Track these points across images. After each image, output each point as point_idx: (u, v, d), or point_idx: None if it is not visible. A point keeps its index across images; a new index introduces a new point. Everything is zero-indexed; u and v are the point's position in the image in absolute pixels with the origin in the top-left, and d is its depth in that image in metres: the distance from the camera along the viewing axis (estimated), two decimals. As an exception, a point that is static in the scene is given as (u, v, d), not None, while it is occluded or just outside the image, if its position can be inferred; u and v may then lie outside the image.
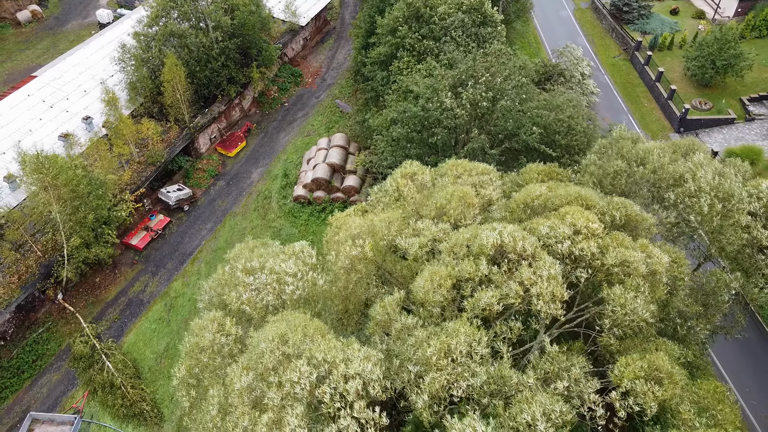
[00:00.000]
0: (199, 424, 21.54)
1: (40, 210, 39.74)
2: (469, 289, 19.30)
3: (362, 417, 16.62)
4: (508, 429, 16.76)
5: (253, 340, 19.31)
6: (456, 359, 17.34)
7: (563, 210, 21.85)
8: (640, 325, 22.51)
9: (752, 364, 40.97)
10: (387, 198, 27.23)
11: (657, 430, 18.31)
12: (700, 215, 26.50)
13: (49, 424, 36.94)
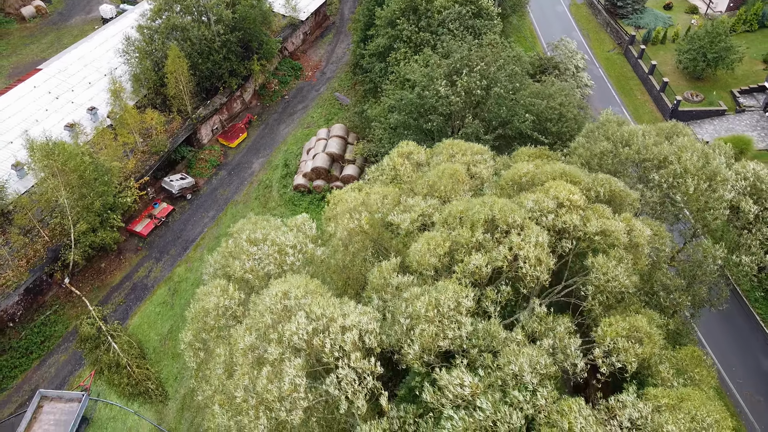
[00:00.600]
0: (206, 384, 22.74)
1: (48, 196, 40.98)
2: (462, 254, 20.52)
3: (359, 366, 17.82)
4: (496, 379, 17.98)
5: (257, 302, 20.53)
6: (444, 312, 18.54)
7: (548, 184, 23.10)
8: (623, 294, 23.78)
9: (738, 344, 42.26)
10: (384, 176, 28.50)
11: (634, 386, 19.47)
12: (686, 195, 27.75)
13: (58, 401, 38.15)
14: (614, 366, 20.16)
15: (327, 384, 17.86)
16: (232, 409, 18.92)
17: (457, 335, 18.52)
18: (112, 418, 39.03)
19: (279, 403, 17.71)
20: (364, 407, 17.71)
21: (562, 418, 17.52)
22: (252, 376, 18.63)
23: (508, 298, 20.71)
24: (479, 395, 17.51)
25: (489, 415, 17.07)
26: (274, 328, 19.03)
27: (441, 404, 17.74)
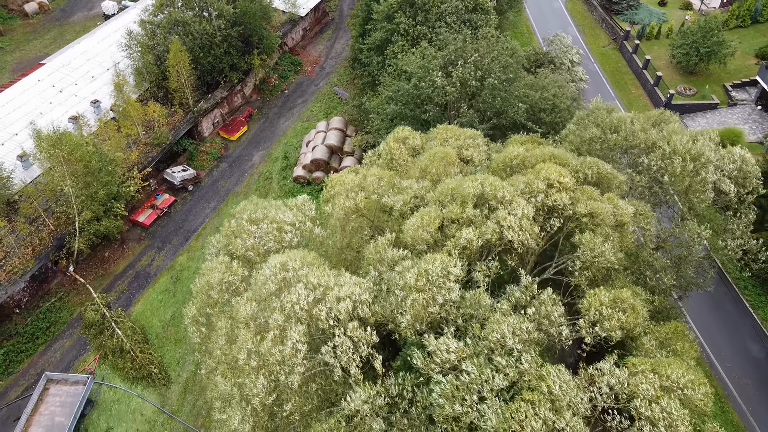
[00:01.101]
0: (209, 357, 23.72)
1: (53, 185, 41.99)
2: (453, 229, 21.50)
3: (355, 335, 18.79)
4: (482, 347, 18.95)
5: (257, 276, 21.53)
6: (433, 281, 19.50)
7: (538, 166, 24.09)
8: (610, 271, 24.79)
9: (727, 330, 43.25)
10: (380, 161, 29.51)
11: (614, 355, 20.40)
12: (673, 176, 28.74)
13: (63, 383, 39.13)
14: (599, 335, 21.13)
15: (323, 353, 18.85)
16: (234, 373, 19.91)
17: (446, 300, 19.49)
18: (117, 401, 40.03)
19: (279, 367, 18.70)
20: (358, 374, 18.70)
21: (543, 383, 18.53)
22: (255, 341, 19.61)
23: (497, 272, 21.67)
24: (465, 360, 18.50)
25: (474, 378, 18.05)
26: (276, 296, 20.01)
27: (430, 369, 18.73)
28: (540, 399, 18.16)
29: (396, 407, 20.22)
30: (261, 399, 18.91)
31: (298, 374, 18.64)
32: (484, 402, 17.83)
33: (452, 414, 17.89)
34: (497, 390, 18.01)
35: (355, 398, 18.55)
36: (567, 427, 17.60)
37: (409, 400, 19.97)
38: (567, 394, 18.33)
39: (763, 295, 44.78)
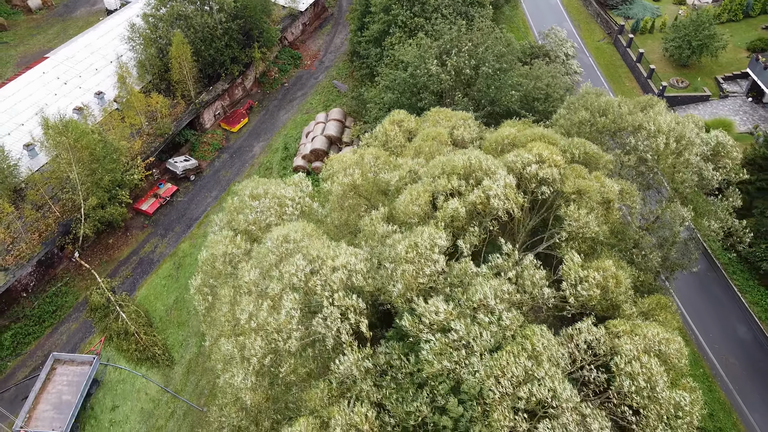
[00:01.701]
0: (213, 321, 24.87)
1: (59, 172, 43.12)
2: (442, 200, 22.64)
3: (342, 304, 19.90)
4: (466, 308, 20.08)
5: (260, 249, 22.64)
6: (422, 252, 20.62)
7: (529, 145, 25.25)
8: (595, 245, 25.94)
9: (716, 313, 44.43)
10: (376, 142, 30.67)
11: (592, 317, 21.52)
12: (657, 153, 29.90)
13: (70, 363, 40.29)
14: (580, 297, 22.25)
15: (315, 323, 19.98)
16: (235, 333, 21.02)
17: (434, 271, 20.63)
18: (122, 381, 41.19)
19: (277, 334, 19.83)
20: (350, 341, 19.82)
21: (526, 340, 19.71)
22: (257, 305, 20.73)
23: (483, 239, 22.78)
24: (452, 320, 19.65)
25: (462, 335, 19.20)
26: (276, 266, 21.14)
27: (419, 330, 19.87)
28: (521, 351, 19.34)
29: (386, 375, 21.39)
30: (259, 359, 20.06)
31: (295, 339, 19.76)
32: (473, 356, 18.99)
33: (440, 371, 19.05)
34: (484, 346, 19.17)
35: (344, 361, 19.68)
36: (546, 376, 18.79)
37: (397, 368, 21.12)
38: (547, 348, 19.51)
39: (751, 280, 46.00)
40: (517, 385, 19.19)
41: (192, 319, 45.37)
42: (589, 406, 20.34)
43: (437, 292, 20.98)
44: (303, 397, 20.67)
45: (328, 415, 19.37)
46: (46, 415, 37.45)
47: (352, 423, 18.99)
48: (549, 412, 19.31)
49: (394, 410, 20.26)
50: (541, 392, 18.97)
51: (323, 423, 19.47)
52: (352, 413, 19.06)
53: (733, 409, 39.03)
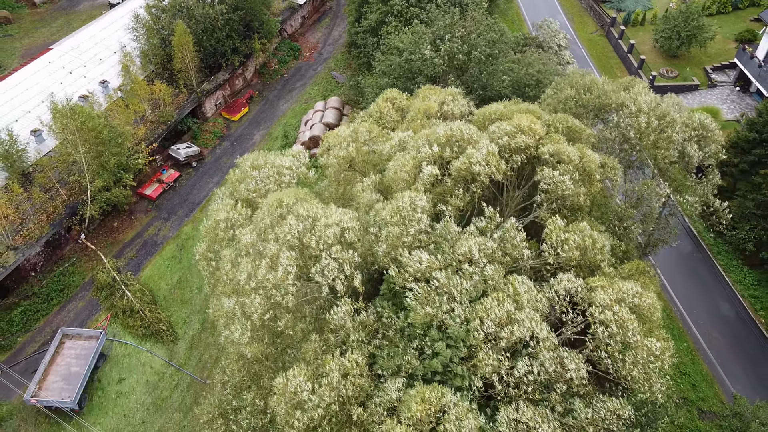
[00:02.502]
0: (216, 280, 26.39)
1: (66, 155, 44.67)
2: (426, 166, 24.19)
3: (339, 257, 21.45)
4: (451, 260, 21.63)
5: (257, 212, 24.16)
6: (405, 215, 22.16)
7: (513, 117, 26.83)
8: (576, 212, 27.50)
9: (701, 292, 46.06)
10: (370, 119, 32.21)
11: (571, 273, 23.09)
12: (639, 132, 31.48)
13: (78, 338, 41.85)
14: (561, 258, 23.82)
15: (312, 273, 21.53)
16: (236, 291, 22.52)
17: (417, 230, 22.17)
18: (127, 355, 42.76)
19: (275, 290, 21.38)
20: (343, 290, 21.38)
21: (509, 286, 21.30)
22: (254, 265, 22.27)
23: (468, 204, 24.32)
24: (435, 270, 21.23)
25: (443, 283, 20.77)
26: (272, 227, 22.67)
27: (404, 279, 21.44)
28: (504, 297, 20.93)
29: (377, 333, 22.98)
30: (259, 315, 21.59)
31: (292, 295, 21.28)
32: (454, 302, 20.56)
33: (425, 318, 20.61)
34: (465, 293, 20.75)
35: (338, 311, 21.25)
36: (526, 318, 20.38)
37: (387, 325, 22.70)
38: (528, 293, 21.11)
39: (735, 260, 47.61)
40: (500, 326, 20.76)
41: (195, 297, 46.98)
42: (566, 350, 21.96)
43: (422, 249, 22.49)
44: (299, 353, 22.20)
45: (322, 364, 20.93)
46: (56, 386, 39.00)
47: (345, 369, 20.56)
48: (529, 352, 20.89)
49: (385, 364, 21.82)
50: (521, 332, 20.55)
51: (317, 370, 21.03)
52: (345, 360, 20.64)
53: (715, 380, 40.64)
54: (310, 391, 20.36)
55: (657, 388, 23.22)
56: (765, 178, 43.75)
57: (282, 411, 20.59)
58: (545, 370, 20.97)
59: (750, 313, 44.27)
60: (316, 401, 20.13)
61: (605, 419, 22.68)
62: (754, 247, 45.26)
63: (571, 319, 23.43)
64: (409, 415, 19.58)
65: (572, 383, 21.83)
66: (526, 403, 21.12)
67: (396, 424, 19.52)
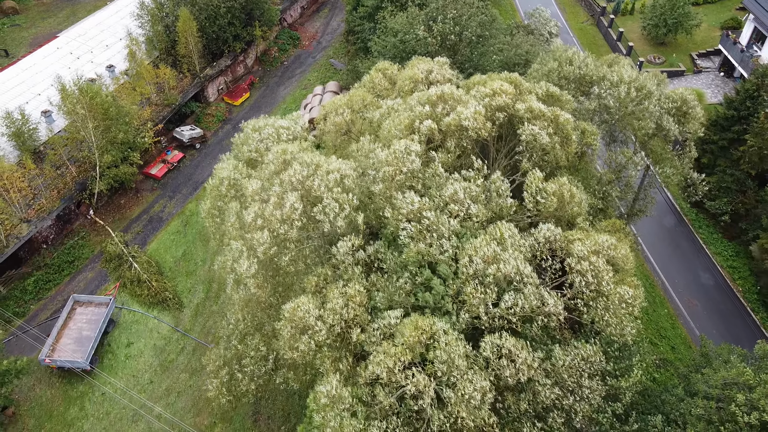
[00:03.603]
0: (222, 234, 28.54)
1: (76, 132, 46.80)
2: (418, 124, 26.36)
3: (340, 198, 23.61)
4: (438, 202, 23.81)
5: (264, 159, 26.33)
6: (398, 156, 24.31)
7: (489, 82, 29.14)
8: (554, 170, 29.68)
9: (682, 263, 48.31)
10: (364, 89, 34.36)
11: (550, 223, 25.25)
12: (618, 101, 33.65)
13: (89, 304, 44.00)
14: (540, 205, 25.98)
15: (315, 212, 23.70)
16: (242, 233, 24.65)
17: (410, 170, 24.35)
18: (135, 322, 44.94)
19: (280, 224, 23.53)
20: (344, 227, 23.54)
21: (496, 230, 23.48)
22: (261, 207, 24.42)
23: (457, 156, 26.48)
24: (425, 210, 23.41)
25: (432, 222, 22.97)
26: (277, 175, 24.84)
27: (397, 219, 23.61)
28: (490, 239, 23.11)
29: (374, 268, 25.18)
30: (264, 249, 23.71)
31: (296, 228, 23.44)
32: (442, 238, 22.73)
33: (417, 254, 22.77)
34: (452, 231, 22.94)
35: (341, 245, 23.41)
36: (510, 258, 22.55)
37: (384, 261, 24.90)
38: (512, 237, 23.31)
39: (715, 233, 49.84)
40: (487, 264, 22.92)
41: (199, 269, 49.18)
42: (546, 290, 24.13)
43: (414, 192, 24.68)
44: (301, 287, 24.36)
45: (324, 295, 23.09)
46: (68, 348, 41.16)
47: (346, 297, 22.73)
48: (513, 287, 23.05)
49: (381, 297, 23.98)
50: (506, 269, 22.72)
51: (321, 299, 23.19)
52: (346, 288, 22.80)
53: (694, 344, 42.83)
54: (316, 317, 22.45)
55: (627, 331, 25.38)
56: (742, 154, 45.98)
57: (287, 335, 22.72)
58: (528, 303, 23.04)
59: (728, 282, 46.50)
60: (320, 326, 22.27)
61: (579, 366, 24.78)
62: (730, 220, 47.51)
63: (550, 266, 25.59)
64: (403, 339, 21.72)
65: (551, 318, 23.97)
66: (508, 333, 23.28)
67: (392, 346, 21.66)
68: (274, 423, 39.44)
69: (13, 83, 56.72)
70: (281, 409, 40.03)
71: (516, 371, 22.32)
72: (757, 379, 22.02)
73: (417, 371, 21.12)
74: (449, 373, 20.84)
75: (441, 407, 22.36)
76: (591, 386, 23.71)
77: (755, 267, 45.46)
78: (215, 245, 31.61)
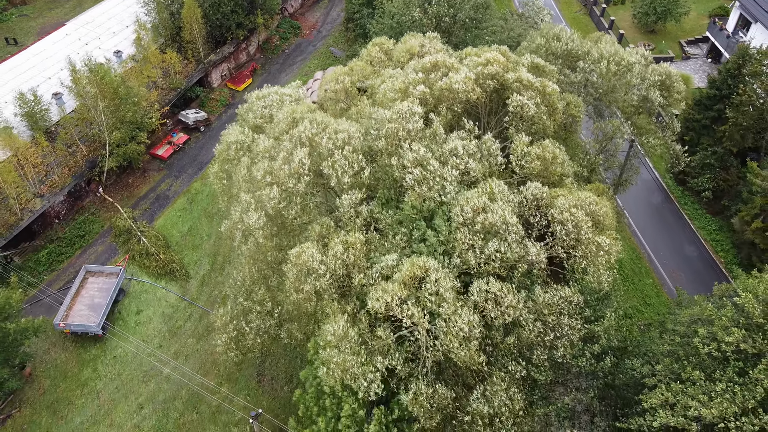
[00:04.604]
0: (230, 197, 30.62)
1: (86, 112, 48.85)
2: (412, 89, 28.47)
3: (348, 156, 25.67)
4: (439, 155, 25.87)
5: (272, 124, 28.38)
6: (401, 115, 26.35)
7: (482, 53, 31.22)
8: (541, 136, 31.77)
9: (668, 237, 50.46)
10: (362, 61, 36.48)
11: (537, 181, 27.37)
12: (601, 76, 35.78)
13: (100, 274, 46.07)
14: (525, 167, 28.10)
15: (323, 167, 25.78)
16: (252, 188, 26.64)
17: (412, 128, 26.41)
18: (144, 291, 47.02)
19: (288, 178, 25.59)
20: (348, 182, 25.60)
21: (486, 185, 25.59)
22: (270, 164, 26.49)
23: (450, 120, 28.55)
24: (429, 160, 25.48)
25: (436, 169, 25.04)
26: (286, 132, 26.89)
27: (402, 167, 25.64)
28: (482, 192, 25.21)
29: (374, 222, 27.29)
30: (273, 204, 25.75)
31: (303, 182, 25.50)
32: (444, 182, 24.83)
33: (419, 199, 24.81)
34: (454, 179, 25.07)
35: (346, 198, 25.48)
36: (498, 209, 24.62)
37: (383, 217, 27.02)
38: (501, 192, 25.41)
39: (700, 209, 51.98)
40: (476, 213, 25.00)
41: (204, 243, 51.26)
42: (531, 241, 26.22)
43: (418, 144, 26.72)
44: (305, 235, 26.42)
45: (328, 242, 25.16)
46: (81, 313, 43.23)
47: (347, 243, 24.80)
48: (499, 235, 25.13)
49: (379, 247, 26.06)
50: (493, 218, 24.80)
51: (324, 245, 25.25)
52: (348, 236, 24.88)
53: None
54: (319, 261, 24.49)
55: (604, 278, 27.50)
56: (724, 132, 48.07)
57: (293, 277, 24.77)
58: (511, 250, 25.11)
59: (711, 254, 48.63)
60: (324, 269, 24.33)
61: (559, 304, 26.91)
62: (713, 196, 49.68)
63: (537, 221, 27.67)
64: (399, 276, 23.78)
65: (533, 265, 26.07)
66: (494, 278, 25.36)
67: (389, 284, 23.72)
68: (277, 383, 41.55)
69: (24, 68, 58.74)
70: (284, 371, 42.13)
71: (502, 313, 24.36)
72: (717, 313, 24.06)
73: (411, 304, 23.17)
74: (439, 303, 22.89)
75: (434, 343, 24.44)
76: (570, 324, 25.79)
77: (736, 239, 47.58)
78: (223, 205, 33.63)
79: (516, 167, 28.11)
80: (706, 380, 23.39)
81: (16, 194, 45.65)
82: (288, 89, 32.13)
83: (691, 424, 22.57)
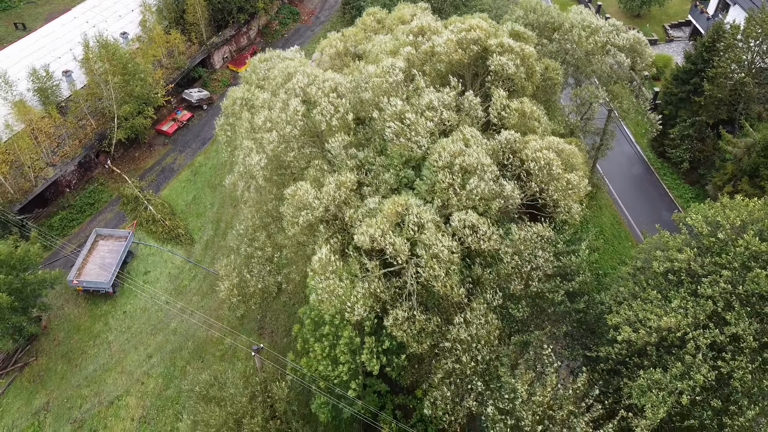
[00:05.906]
0: (234, 147, 33.37)
1: (95, 86, 51.56)
2: (402, 50, 31.23)
3: (334, 101, 28.41)
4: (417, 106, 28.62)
5: (269, 80, 31.13)
6: (386, 71, 29.03)
7: (467, 20, 34.03)
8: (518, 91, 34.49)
9: (648, 205, 53.28)
10: (356, 29, 39.25)
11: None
12: (575, 43, 38.57)
13: (109, 238, 48.81)
14: (504, 119, 30.83)
15: (314, 113, 28.52)
16: (253, 134, 29.37)
17: (395, 80, 29.14)
18: (152, 254, 49.76)
19: (285, 125, 28.33)
20: (336, 126, 28.32)
21: (459, 133, 28.35)
22: (269, 113, 29.26)
23: (434, 78, 31.28)
24: (407, 113, 28.22)
25: (413, 121, 27.77)
26: (282, 86, 29.64)
27: (384, 120, 28.41)
28: (458, 138, 27.95)
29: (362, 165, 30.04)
30: (273, 147, 28.50)
31: (298, 128, 28.24)
32: (419, 135, 27.55)
33: (399, 150, 27.53)
34: (428, 130, 27.80)
35: (336, 139, 28.22)
36: (473, 152, 27.34)
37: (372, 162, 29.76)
38: (474, 137, 28.14)
39: (678, 180, 54.80)
40: (454, 157, 27.73)
41: (208, 211, 54.01)
42: (505, 180, 28.94)
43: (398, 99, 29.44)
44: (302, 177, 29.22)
45: (321, 182, 27.91)
46: (93, 272, 45.97)
47: (339, 182, 27.54)
48: (477, 174, 27.84)
49: (370, 183, 28.77)
50: (470, 160, 27.53)
51: (319, 185, 28.00)
52: (340, 176, 27.62)
53: (654, 270, 47.69)
54: (314, 196, 27.20)
55: (575, 210, 30.23)
56: (700, 104, 50.84)
57: (289, 213, 27.51)
58: (489, 187, 27.80)
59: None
60: (317, 204, 27.06)
61: (533, 240, 29.64)
62: (690, 167, 52.45)
63: (511, 163, 30.42)
64: (383, 212, 26.51)
65: (508, 200, 28.79)
66: (473, 212, 28.09)
67: (372, 219, 26.46)
68: (277, 336, 44.32)
69: (34, 48, 61.42)
70: (283, 326, 44.90)
71: (478, 239, 27.09)
72: (672, 237, 26.81)
73: (394, 233, 25.90)
74: (420, 231, 25.60)
75: (416, 271, 27.11)
76: (544, 256, 28.52)
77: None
78: (227, 156, 36.36)
79: (495, 120, 30.82)
80: (663, 299, 26.15)
81: (31, 162, 48.37)
82: (289, 53, 34.94)
83: (651, 335, 25.28)
